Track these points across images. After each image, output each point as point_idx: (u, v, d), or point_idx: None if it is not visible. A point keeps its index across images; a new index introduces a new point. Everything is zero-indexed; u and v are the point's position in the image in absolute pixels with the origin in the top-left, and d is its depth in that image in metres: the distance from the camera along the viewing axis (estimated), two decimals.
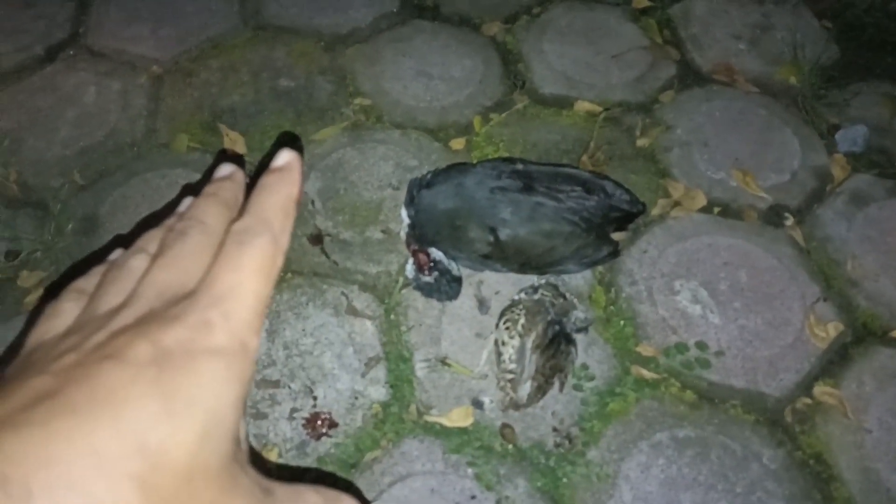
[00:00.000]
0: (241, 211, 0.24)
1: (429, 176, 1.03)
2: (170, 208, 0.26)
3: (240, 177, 0.26)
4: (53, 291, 0.25)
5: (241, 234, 0.22)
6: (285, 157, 0.25)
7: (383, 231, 1.14)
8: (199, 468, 0.18)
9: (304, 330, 1.03)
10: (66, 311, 0.23)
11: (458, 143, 1.26)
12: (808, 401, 0.99)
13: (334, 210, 1.16)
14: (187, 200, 0.26)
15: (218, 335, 0.20)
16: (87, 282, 0.25)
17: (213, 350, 0.19)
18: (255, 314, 0.21)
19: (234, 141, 1.25)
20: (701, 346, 1.02)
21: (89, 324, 0.21)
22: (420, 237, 1.03)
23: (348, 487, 0.90)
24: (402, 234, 1.07)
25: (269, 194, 0.24)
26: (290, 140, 1.22)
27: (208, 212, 0.24)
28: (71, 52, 1.40)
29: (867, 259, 1.13)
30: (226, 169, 0.27)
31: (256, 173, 0.31)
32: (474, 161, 1.20)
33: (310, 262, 1.11)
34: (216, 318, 0.20)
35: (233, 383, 0.19)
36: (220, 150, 1.22)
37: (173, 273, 0.22)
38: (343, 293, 1.07)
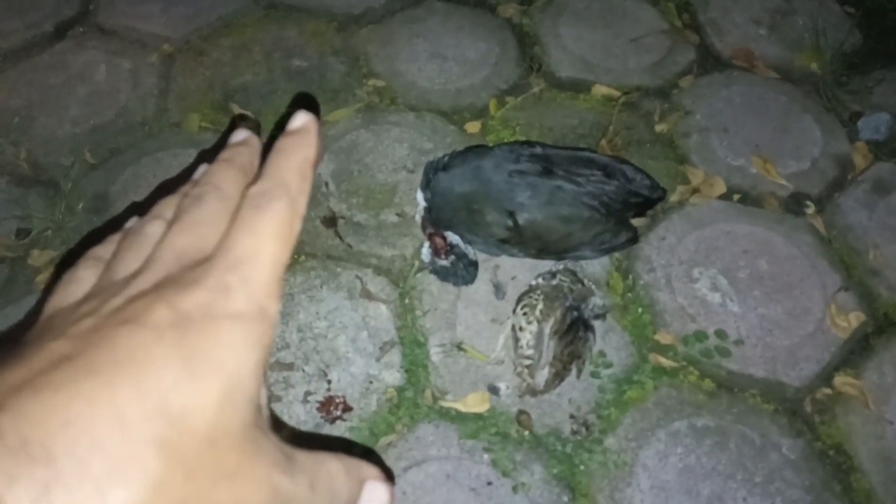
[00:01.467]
0: (258, 175, 0.23)
1: (446, 158, 1.02)
2: (185, 176, 0.25)
3: (255, 142, 0.26)
4: (70, 261, 0.24)
5: (257, 197, 0.22)
6: (301, 118, 0.24)
7: (398, 214, 1.12)
8: (221, 432, 0.18)
9: (317, 313, 1.02)
10: (84, 279, 0.23)
11: (473, 127, 1.24)
12: (829, 391, 0.98)
13: (348, 192, 1.15)
14: (203, 167, 0.25)
15: (237, 300, 0.19)
16: (104, 249, 0.25)
17: (232, 314, 0.19)
18: (273, 278, 0.21)
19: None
20: (720, 334, 1.01)
21: (107, 289, 0.21)
22: (436, 220, 1.02)
23: (369, 455, 0.89)
24: (418, 218, 1.05)
25: (286, 157, 0.23)
26: (306, 102, 1.20)
27: (224, 177, 0.24)
28: (81, 30, 1.38)
29: (889, 248, 1.11)
30: (241, 134, 0.26)
31: (272, 136, 0.30)
32: (490, 145, 1.19)
33: (323, 245, 1.09)
34: (235, 282, 0.20)
35: (253, 348, 0.19)
36: (235, 115, 1.20)
37: (190, 238, 0.22)
38: (357, 276, 1.05)
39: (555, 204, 0.97)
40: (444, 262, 1.01)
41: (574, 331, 0.94)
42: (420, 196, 1.03)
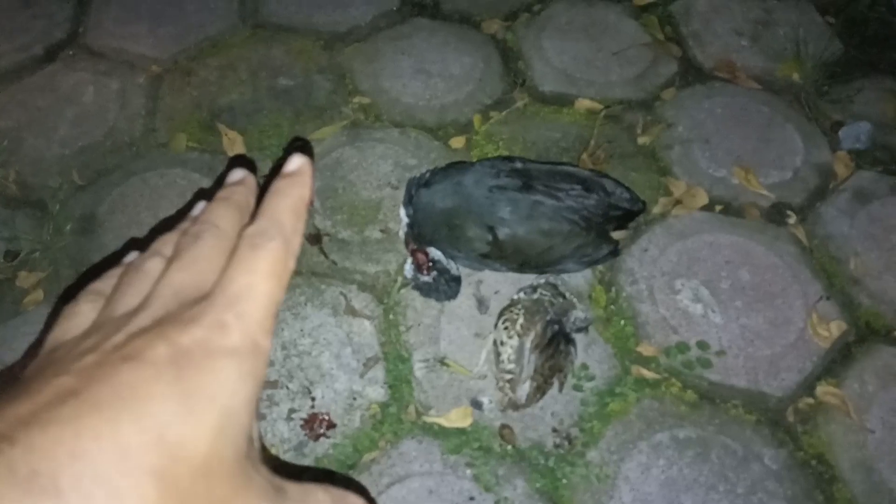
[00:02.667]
0: (254, 215, 0.25)
1: (427, 175, 1.03)
2: (183, 213, 0.27)
3: (252, 181, 0.27)
4: (70, 294, 0.25)
5: (254, 237, 0.23)
6: (297, 161, 0.26)
7: (382, 230, 1.13)
8: (216, 463, 0.19)
9: (302, 330, 1.03)
10: (84, 313, 0.24)
11: (457, 142, 1.25)
12: (810, 400, 0.98)
13: (333, 209, 1.16)
14: (200, 204, 0.27)
15: (233, 335, 0.20)
16: (104, 284, 0.26)
17: (228, 350, 0.20)
18: (267, 315, 0.22)
19: (233, 140, 1.24)
20: (702, 345, 1.02)
21: (107, 325, 0.22)
22: (419, 236, 1.03)
23: (350, 485, 0.90)
24: (401, 234, 1.06)
25: (281, 198, 0.25)
26: (299, 144, 1.22)
27: (221, 215, 0.25)
28: (70, 52, 1.40)
29: (870, 257, 1.11)
30: (238, 174, 0.27)
31: (269, 177, 0.32)
32: (474, 159, 1.20)
33: (308, 262, 1.10)
34: (231, 319, 0.21)
35: (247, 382, 0.20)
36: (232, 156, 1.21)
37: (188, 275, 0.23)
38: (341, 293, 1.06)
39: (535, 218, 0.98)
40: (426, 278, 1.02)
41: (555, 344, 0.94)
42: (403, 212, 1.04)
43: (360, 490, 0.87)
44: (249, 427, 0.20)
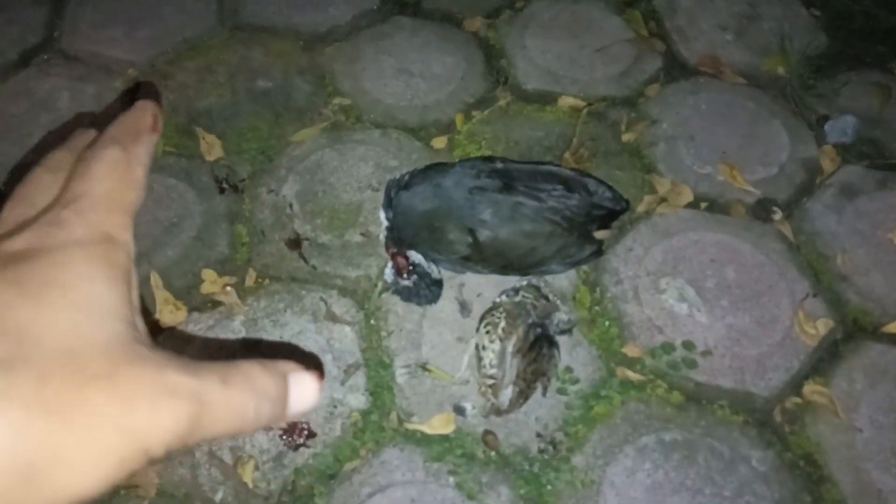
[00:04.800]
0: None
1: (407, 177, 1.01)
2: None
3: (93, 132, 0.28)
4: None
5: (87, 152, 0.23)
6: (139, 102, 0.27)
7: (363, 234, 1.11)
8: (81, 343, 0.19)
9: (281, 337, 1.01)
10: None
11: (439, 142, 1.23)
12: (798, 400, 0.97)
13: (312, 213, 1.14)
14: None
15: (74, 229, 0.21)
16: None
17: (71, 241, 0.20)
18: (113, 210, 0.22)
19: (211, 144, 1.22)
20: (688, 345, 1.00)
21: None
22: (398, 240, 1.01)
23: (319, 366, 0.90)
24: (382, 237, 1.05)
25: (116, 123, 0.25)
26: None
27: (54, 156, 0.25)
28: (45, 57, 1.37)
29: (857, 253, 1.10)
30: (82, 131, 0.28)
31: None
32: (456, 159, 1.18)
33: (287, 268, 1.08)
34: (68, 215, 0.21)
35: (102, 267, 0.20)
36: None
37: (18, 208, 0.23)
38: (322, 298, 1.04)
39: (516, 220, 0.96)
40: (406, 283, 1.00)
41: (538, 348, 0.93)
42: (383, 215, 1.03)
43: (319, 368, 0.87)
44: (124, 310, 0.20)
